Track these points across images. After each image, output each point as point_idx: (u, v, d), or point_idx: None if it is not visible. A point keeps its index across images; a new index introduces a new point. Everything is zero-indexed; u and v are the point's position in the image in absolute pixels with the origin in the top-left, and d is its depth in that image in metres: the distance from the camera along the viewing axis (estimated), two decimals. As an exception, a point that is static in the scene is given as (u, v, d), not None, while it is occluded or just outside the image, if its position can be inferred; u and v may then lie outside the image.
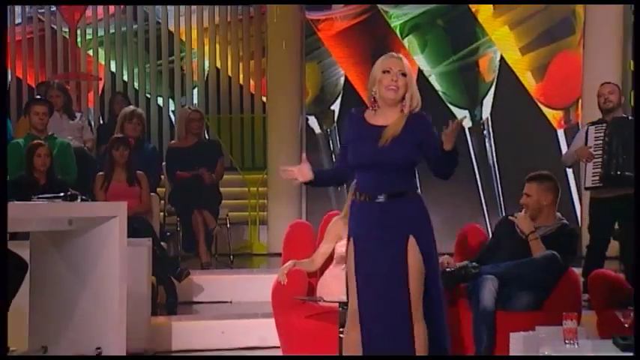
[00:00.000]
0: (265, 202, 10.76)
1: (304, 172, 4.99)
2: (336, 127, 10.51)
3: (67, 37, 12.05)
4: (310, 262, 6.44)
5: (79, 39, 12.09)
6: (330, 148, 10.56)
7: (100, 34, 12.47)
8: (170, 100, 12.44)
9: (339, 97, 10.68)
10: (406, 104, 4.96)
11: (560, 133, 10.12)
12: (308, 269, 6.40)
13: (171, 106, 12.41)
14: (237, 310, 8.05)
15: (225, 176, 9.62)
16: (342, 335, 5.36)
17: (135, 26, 12.46)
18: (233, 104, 12.26)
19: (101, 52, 12.50)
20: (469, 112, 10.33)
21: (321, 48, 10.80)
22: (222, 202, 9.28)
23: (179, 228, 9.08)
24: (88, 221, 5.60)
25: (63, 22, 12.11)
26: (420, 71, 10.44)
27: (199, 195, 8.88)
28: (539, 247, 6.18)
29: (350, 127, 5.14)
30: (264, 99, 11.79)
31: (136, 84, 12.41)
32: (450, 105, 10.38)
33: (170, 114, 12.38)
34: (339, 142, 10.33)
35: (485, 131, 10.23)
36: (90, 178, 8.51)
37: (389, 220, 4.91)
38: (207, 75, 12.33)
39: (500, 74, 10.29)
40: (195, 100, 12.25)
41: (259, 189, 10.80)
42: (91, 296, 5.59)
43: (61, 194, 5.68)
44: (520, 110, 10.20)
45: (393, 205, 4.92)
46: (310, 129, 10.70)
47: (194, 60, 12.39)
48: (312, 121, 10.75)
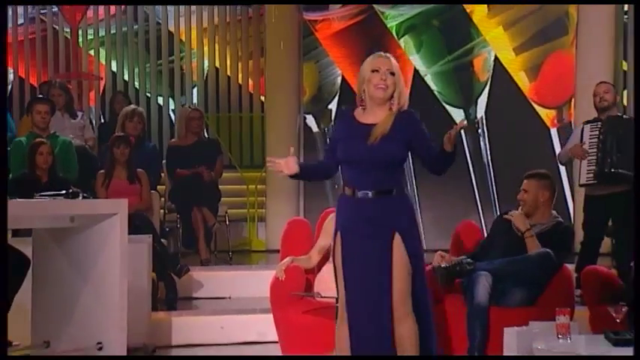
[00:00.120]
0: (264, 199, 10.76)
1: (290, 165, 4.98)
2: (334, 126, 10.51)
3: (69, 38, 12.03)
4: (308, 259, 6.43)
5: (80, 39, 12.06)
6: (328, 146, 10.55)
7: (101, 34, 12.46)
8: (170, 100, 12.42)
9: (336, 97, 10.68)
10: (394, 102, 4.96)
11: (554, 131, 10.12)
12: (305, 265, 6.39)
13: (172, 105, 12.39)
14: (236, 306, 8.05)
15: (225, 174, 9.62)
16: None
17: (135, 27, 12.44)
18: (232, 103, 12.24)
19: (102, 52, 12.48)
20: (464, 111, 10.33)
21: (319, 48, 10.80)
22: (222, 199, 9.28)
23: (179, 225, 9.07)
24: (89, 218, 5.60)
25: (65, 23, 12.08)
26: (416, 71, 10.45)
27: (199, 192, 8.88)
28: (534, 244, 6.17)
29: (339, 124, 5.15)
30: (262, 98, 11.78)
31: (137, 83, 12.40)
32: (445, 104, 10.38)
33: (170, 113, 12.36)
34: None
35: (480, 130, 10.23)
36: (91, 175, 8.50)
37: (376, 216, 4.90)
38: (206, 74, 12.32)
39: (495, 74, 10.29)
40: (195, 100, 12.23)
41: (258, 187, 10.80)
42: (93, 292, 5.58)
43: (63, 192, 5.67)
44: (514, 109, 10.20)
45: (380, 201, 4.92)
46: (308, 127, 10.70)
47: (194, 60, 12.37)
48: (310, 120, 10.75)
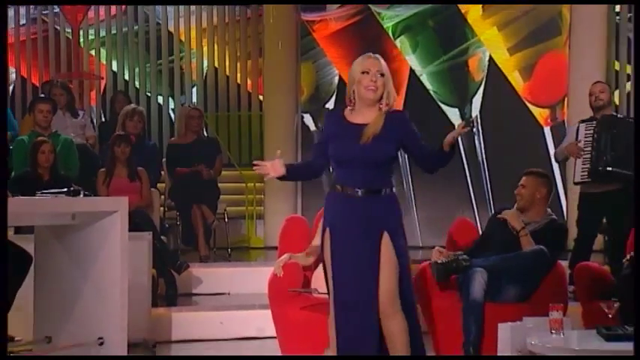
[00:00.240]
0: (262, 197, 10.76)
1: (276, 168, 4.96)
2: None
3: (70, 38, 12.01)
4: (305, 256, 6.42)
5: (81, 39, 12.05)
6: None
7: (102, 34, 12.44)
8: (170, 99, 12.41)
9: (333, 96, 10.68)
10: (384, 103, 4.96)
11: (547, 130, 10.12)
12: (303, 262, 6.39)
13: (171, 105, 12.38)
14: (235, 302, 8.06)
15: (224, 172, 9.62)
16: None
17: (136, 27, 12.43)
18: (231, 102, 12.23)
19: (103, 52, 12.47)
20: (459, 110, 10.34)
21: (316, 48, 10.79)
22: (221, 197, 9.29)
23: (179, 222, 9.08)
24: (90, 216, 5.60)
25: (66, 23, 12.06)
26: (412, 71, 10.45)
27: (198, 190, 8.88)
28: (529, 242, 6.18)
29: (329, 125, 5.13)
30: (260, 97, 11.77)
31: (137, 83, 12.39)
32: (441, 103, 10.38)
33: (170, 112, 12.35)
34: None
35: (475, 128, 10.23)
36: (92, 173, 8.50)
37: (366, 215, 4.90)
38: (205, 74, 12.30)
39: (489, 74, 10.29)
40: (195, 99, 12.22)
41: (256, 185, 10.79)
42: (94, 288, 5.58)
43: (65, 189, 5.67)
44: (508, 108, 10.20)
45: (370, 200, 4.92)
46: (305, 126, 10.70)
47: (193, 60, 12.36)
48: (308, 119, 10.75)
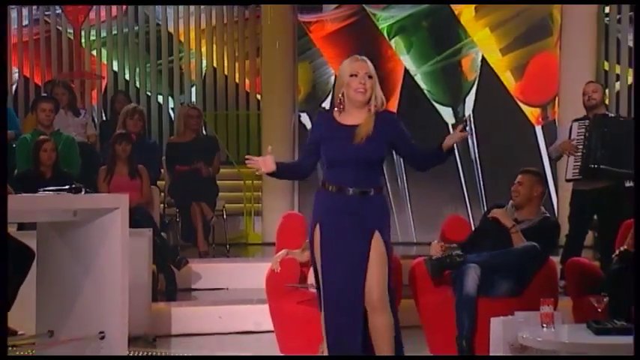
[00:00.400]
0: (260, 194, 10.76)
1: (267, 163, 4.96)
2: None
3: (72, 38, 12.01)
4: (302, 252, 6.43)
5: (83, 40, 12.04)
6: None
7: (103, 35, 12.43)
8: (169, 98, 12.40)
9: (329, 95, 10.67)
10: (372, 104, 4.95)
11: (538, 129, 10.12)
12: (300, 258, 6.39)
13: (171, 104, 12.37)
14: (234, 297, 8.06)
15: (222, 170, 9.62)
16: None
17: (136, 28, 12.42)
18: (229, 102, 12.23)
19: (104, 52, 12.46)
20: (452, 109, 10.34)
21: (313, 48, 10.79)
22: (219, 194, 9.29)
23: (178, 219, 9.07)
24: (91, 212, 5.58)
25: (68, 24, 12.06)
26: (406, 71, 10.44)
27: (197, 188, 8.87)
28: (520, 238, 6.22)
29: (320, 127, 5.10)
30: (258, 97, 11.76)
31: (137, 83, 12.38)
32: (434, 102, 10.38)
33: (169, 111, 12.35)
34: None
35: (468, 127, 10.23)
36: (93, 171, 8.50)
37: (356, 213, 4.89)
38: (204, 74, 12.30)
39: (482, 74, 10.29)
40: (194, 98, 12.21)
41: (254, 182, 10.78)
42: (95, 283, 5.57)
43: (66, 187, 5.66)
44: (500, 108, 10.20)
45: (360, 200, 4.91)
46: (302, 125, 10.69)
47: (192, 60, 12.35)
48: (305, 118, 10.74)
